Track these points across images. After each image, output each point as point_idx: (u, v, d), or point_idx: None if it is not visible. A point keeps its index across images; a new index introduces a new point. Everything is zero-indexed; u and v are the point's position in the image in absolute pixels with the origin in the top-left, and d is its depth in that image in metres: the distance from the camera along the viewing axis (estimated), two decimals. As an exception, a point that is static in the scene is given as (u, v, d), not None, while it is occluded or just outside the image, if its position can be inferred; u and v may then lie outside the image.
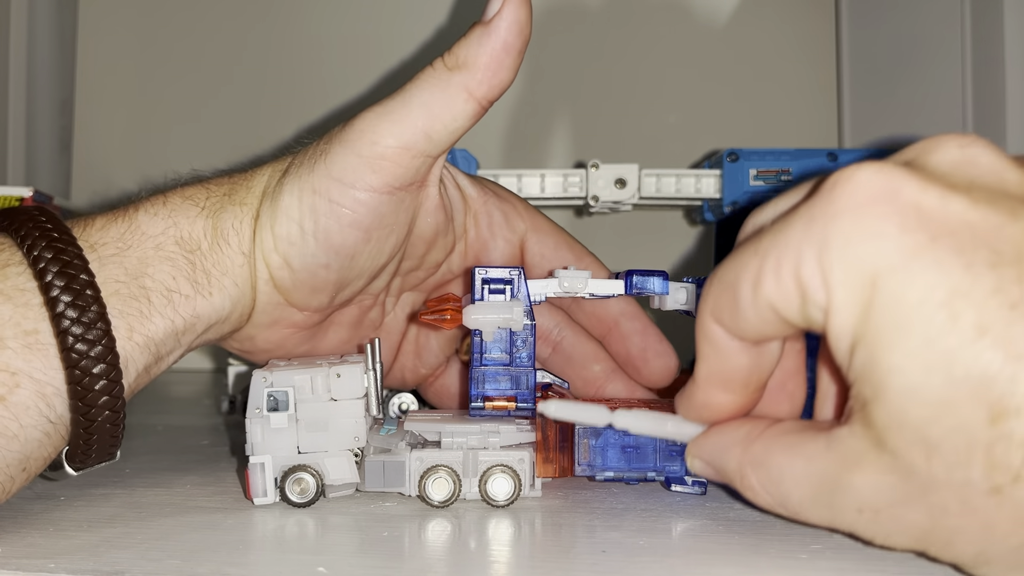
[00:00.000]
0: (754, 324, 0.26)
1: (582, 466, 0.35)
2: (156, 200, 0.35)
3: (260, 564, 0.28)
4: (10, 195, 0.52)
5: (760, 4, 0.72)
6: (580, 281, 0.36)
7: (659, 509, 0.34)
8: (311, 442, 0.34)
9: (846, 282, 0.23)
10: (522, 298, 0.35)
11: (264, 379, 0.34)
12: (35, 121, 0.71)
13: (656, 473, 0.35)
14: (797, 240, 0.24)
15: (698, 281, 0.37)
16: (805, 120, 0.72)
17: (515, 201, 0.41)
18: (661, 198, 0.54)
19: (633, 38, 0.73)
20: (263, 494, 0.34)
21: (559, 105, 0.74)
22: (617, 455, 0.35)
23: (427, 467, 0.34)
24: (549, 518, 0.33)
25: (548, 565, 0.28)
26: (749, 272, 0.25)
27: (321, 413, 0.34)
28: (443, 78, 0.34)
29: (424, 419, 0.36)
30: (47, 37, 0.73)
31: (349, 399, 0.34)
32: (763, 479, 0.28)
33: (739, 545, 0.30)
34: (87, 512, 0.33)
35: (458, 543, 0.31)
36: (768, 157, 0.51)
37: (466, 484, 0.34)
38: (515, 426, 0.35)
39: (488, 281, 0.35)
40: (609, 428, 0.34)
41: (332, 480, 0.34)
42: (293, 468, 0.34)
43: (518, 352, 0.35)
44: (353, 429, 0.34)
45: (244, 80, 0.76)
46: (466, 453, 0.34)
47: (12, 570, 0.27)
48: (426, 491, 0.34)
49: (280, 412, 0.34)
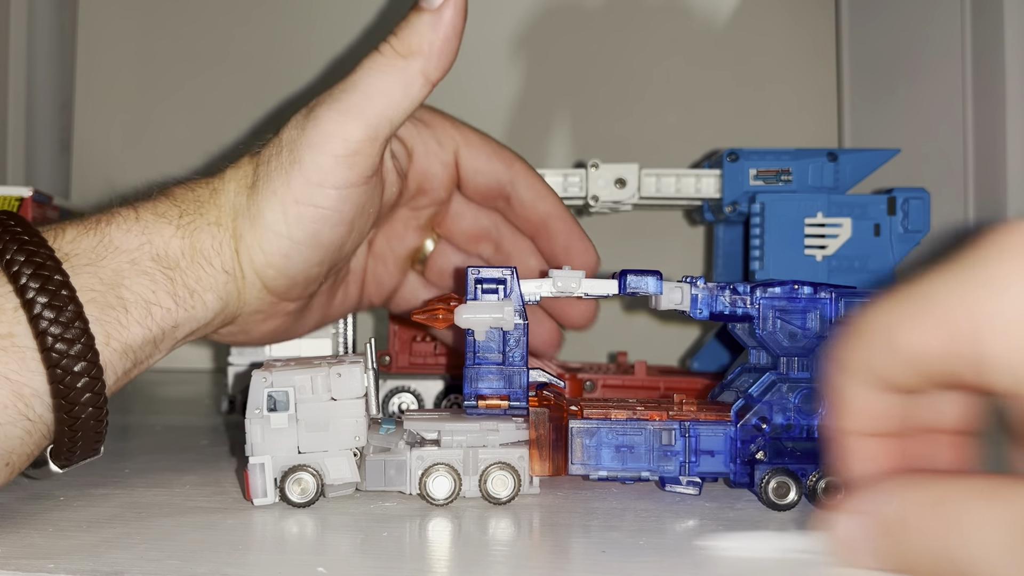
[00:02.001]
0: (910, 375, 0.25)
1: (576, 464, 0.35)
2: (127, 214, 0.35)
3: (260, 564, 0.28)
4: (10, 195, 0.52)
5: (760, 4, 0.72)
6: (574, 281, 0.36)
7: (658, 509, 0.34)
8: (311, 442, 0.34)
9: (1011, 330, 0.22)
10: (514, 298, 0.35)
11: (264, 379, 0.34)
12: (35, 121, 0.71)
13: (650, 473, 0.35)
14: (954, 291, 0.23)
15: (692, 280, 0.37)
16: (805, 120, 0.72)
17: (442, 122, 0.42)
18: (661, 198, 0.54)
19: (633, 38, 0.73)
20: (263, 494, 0.34)
21: (559, 105, 0.74)
22: (611, 454, 0.35)
23: (428, 465, 0.34)
24: (548, 518, 0.33)
25: (548, 565, 0.28)
26: (905, 322, 0.24)
27: (321, 413, 0.34)
28: (398, 65, 0.35)
29: (422, 418, 0.36)
30: (47, 37, 0.73)
31: (349, 399, 0.34)
32: (945, 528, 0.24)
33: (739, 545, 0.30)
34: (87, 512, 0.33)
35: (458, 543, 0.31)
36: (768, 157, 0.51)
37: (466, 482, 0.35)
38: (513, 424, 0.35)
39: (481, 281, 0.35)
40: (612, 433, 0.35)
41: (332, 480, 0.34)
42: (293, 468, 0.34)
43: (511, 351, 0.35)
44: (354, 428, 0.34)
45: (244, 80, 0.76)
46: (466, 451, 0.35)
47: (12, 570, 0.27)
48: (427, 489, 0.34)
49: (280, 412, 0.34)
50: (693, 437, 0.35)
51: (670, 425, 0.35)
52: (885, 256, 0.49)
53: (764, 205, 0.50)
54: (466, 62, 0.74)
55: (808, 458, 0.35)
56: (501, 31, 0.73)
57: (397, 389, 0.55)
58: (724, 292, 0.36)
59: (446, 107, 0.79)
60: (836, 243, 0.49)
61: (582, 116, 0.73)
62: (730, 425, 0.35)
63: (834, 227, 0.49)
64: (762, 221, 0.50)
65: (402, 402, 0.55)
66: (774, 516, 0.34)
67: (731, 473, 0.35)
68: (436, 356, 0.51)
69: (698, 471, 0.35)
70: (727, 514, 0.34)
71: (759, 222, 0.50)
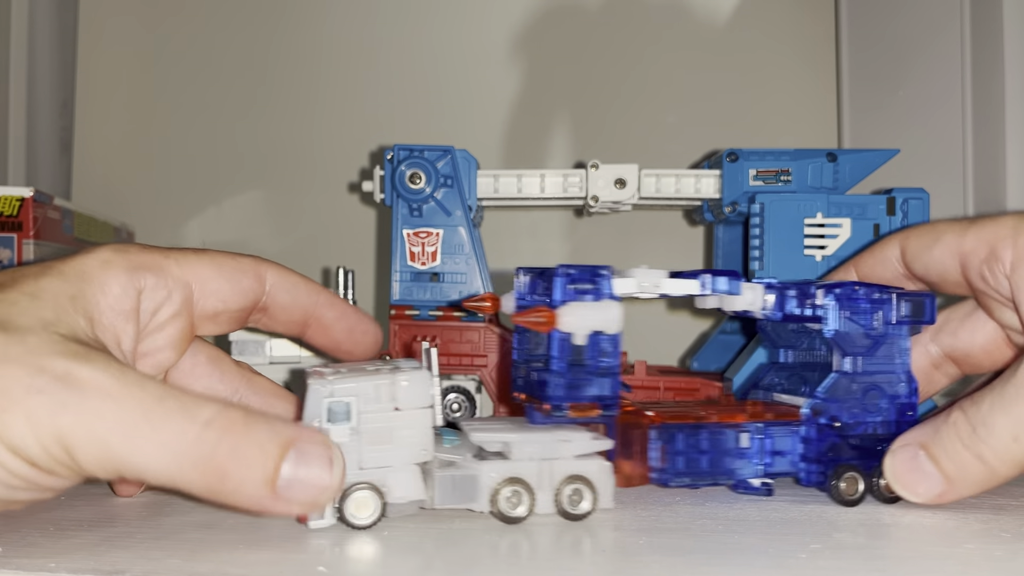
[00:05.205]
0: None
1: (657, 473, 0.35)
2: None
3: (260, 564, 0.28)
4: (11, 195, 0.52)
5: (760, 5, 0.72)
6: (656, 280, 0.35)
7: (658, 509, 0.34)
8: (374, 457, 0.31)
9: None
10: (612, 297, 0.34)
11: (323, 388, 0.31)
12: (35, 121, 0.71)
13: (726, 477, 0.36)
14: None
15: (765, 282, 0.38)
16: (805, 120, 0.72)
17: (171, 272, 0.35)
18: (661, 198, 0.54)
19: (633, 38, 0.73)
20: (319, 516, 0.31)
21: (559, 105, 0.74)
22: (689, 460, 0.35)
23: (501, 480, 0.32)
24: (548, 517, 0.33)
25: (548, 565, 0.28)
26: None
27: (385, 424, 0.31)
28: None
29: (486, 428, 0.34)
30: (47, 37, 0.73)
31: (415, 408, 0.31)
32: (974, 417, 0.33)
33: (739, 545, 0.30)
34: (87, 512, 0.33)
35: (457, 543, 0.31)
36: (768, 157, 0.51)
37: (540, 497, 0.32)
38: (588, 433, 0.33)
39: (575, 280, 0.33)
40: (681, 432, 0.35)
41: (397, 498, 0.31)
42: (354, 486, 0.31)
43: (604, 356, 0.34)
44: (421, 441, 0.31)
45: (244, 80, 0.76)
46: (540, 464, 0.32)
47: (12, 570, 0.27)
48: (501, 506, 0.32)
49: (340, 424, 0.31)
50: (767, 439, 0.36)
51: (746, 428, 0.36)
52: (885, 256, 0.49)
53: (764, 205, 0.50)
54: (466, 62, 0.75)
55: (872, 454, 0.36)
56: (501, 31, 0.73)
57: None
58: (792, 293, 0.37)
59: (447, 107, 0.79)
60: (836, 243, 0.49)
61: (582, 116, 0.73)
62: (801, 425, 0.36)
63: (834, 227, 0.49)
64: (762, 221, 0.50)
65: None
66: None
67: (801, 472, 0.36)
68: (436, 356, 0.51)
69: (770, 472, 0.36)
70: (727, 514, 0.34)
71: (759, 222, 0.50)
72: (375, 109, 0.74)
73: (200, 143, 0.76)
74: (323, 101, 0.75)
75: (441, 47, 0.74)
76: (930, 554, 0.29)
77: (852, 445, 0.36)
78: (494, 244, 0.68)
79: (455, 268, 0.51)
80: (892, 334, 0.36)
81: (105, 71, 0.77)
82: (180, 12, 0.76)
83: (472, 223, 0.52)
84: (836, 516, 0.34)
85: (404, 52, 0.74)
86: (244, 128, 0.75)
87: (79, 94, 0.77)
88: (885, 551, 0.30)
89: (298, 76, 0.75)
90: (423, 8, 0.74)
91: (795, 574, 0.27)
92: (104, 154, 0.77)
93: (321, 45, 0.75)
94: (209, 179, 0.76)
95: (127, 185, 0.76)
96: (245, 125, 0.75)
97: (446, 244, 0.51)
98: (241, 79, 0.76)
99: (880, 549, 0.30)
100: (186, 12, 0.76)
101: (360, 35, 0.75)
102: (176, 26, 0.76)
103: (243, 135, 0.75)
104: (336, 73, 0.75)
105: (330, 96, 0.75)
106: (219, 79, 0.76)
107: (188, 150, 0.76)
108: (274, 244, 0.74)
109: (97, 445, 0.26)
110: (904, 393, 0.37)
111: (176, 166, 0.76)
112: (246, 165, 0.75)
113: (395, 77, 0.74)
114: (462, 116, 0.74)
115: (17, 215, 0.52)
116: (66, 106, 0.76)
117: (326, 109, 0.74)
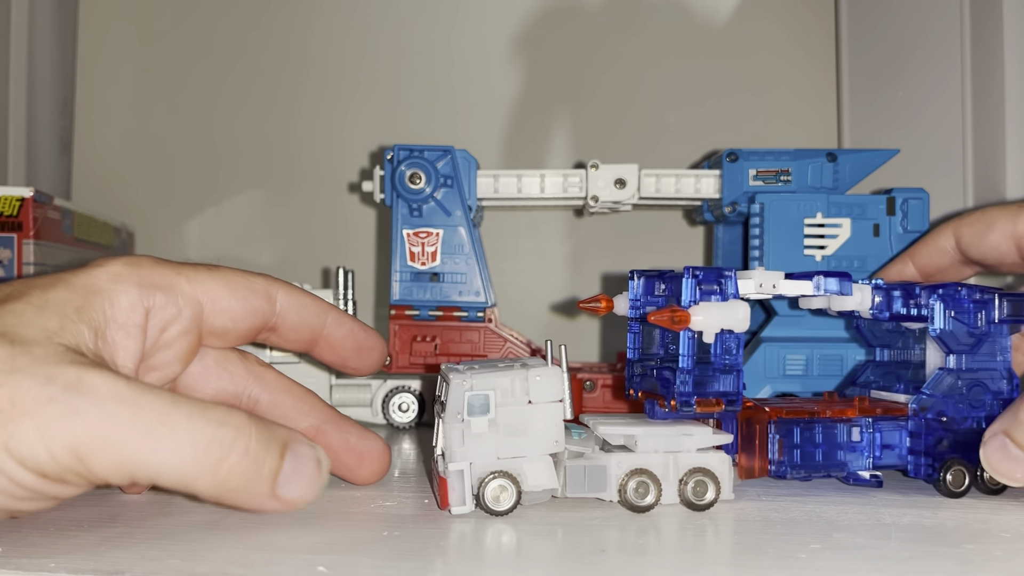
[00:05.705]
0: None
1: (776, 466, 0.36)
2: None
3: (260, 564, 0.28)
4: (11, 195, 0.52)
5: (760, 4, 0.72)
6: (773, 281, 0.37)
7: (657, 509, 0.34)
8: (510, 447, 0.33)
9: None
10: (737, 297, 0.35)
11: (464, 383, 0.33)
12: (35, 121, 0.71)
13: (838, 470, 0.37)
14: None
15: (873, 283, 0.39)
16: (804, 120, 0.72)
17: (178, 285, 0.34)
18: (661, 198, 0.54)
19: (633, 38, 0.73)
20: (461, 503, 0.33)
21: (559, 105, 0.74)
22: (805, 453, 0.37)
23: (628, 471, 0.34)
24: (548, 518, 0.33)
25: (548, 564, 0.28)
26: None
27: (520, 417, 0.33)
28: None
29: (610, 423, 0.36)
30: (47, 37, 0.73)
31: (547, 402, 0.34)
32: None
33: (739, 545, 0.30)
34: (87, 512, 0.33)
35: (456, 543, 0.31)
36: (768, 157, 0.51)
37: (666, 488, 0.34)
38: (709, 427, 0.36)
39: (701, 282, 0.35)
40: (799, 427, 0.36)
41: (531, 486, 0.33)
42: (492, 474, 0.33)
43: (728, 354, 0.35)
44: (554, 433, 0.34)
45: (244, 80, 0.76)
46: (664, 456, 0.35)
47: (12, 570, 0.27)
48: (629, 496, 0.34)
49: (480, 416, 0.33)
50: (877, 432, 0.37)
51: (857, 422, 0.37)
52: (884, 256, 0.49)
53: (764, 205, 0.50)
54: (466, 62, 0.75)
55: (977, 448, 0.36)
56: (501, 31, 0.73)
57: (397, 389, 0.55)
58: (897, 293, 0.39)
59: (447, 107, 0.79)
60: (835, 243, 0.49)
61: (582, 116, 0.73)
62: (908, 420, 0.38)
63: (833, 227, 0.49)
64: (762, 221, 0.50)
65: (402, 402, 0.55)
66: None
67: (909, 465, 0.37)
68: (436, 356, 0.51)
69: (879, 464, 0.37)
70: (727, 514, 0.33)
71: (759, 222, 0.50)
72: (375, 109, 0.74)
73: (200, 143, 0.76)
74: (323, 101, 0.75)
75: (441, 47, 0.74)
76: (930, 554, 0.29)
77: (958, 439, 0.37)
78: (494, 244, 0.68)
79: (455, 268, 0.52)
80: (994, 332, 0.38)
81: (105, 71, 0.77)
82: (180, 12, 0.76)
83: (472, 223, 0.52)
84: (836, 516, 0.34)
85: (404, 52, 0.74)
86: (244, 128, 0.75)
87: (79, 94, 0.77)
88: (885, 551, 0.30)
89: (298, 76, 0.75)
90: (423, 8, 0.74)
91: (795, 574, 0.27)
92: (104, 154, 0.77)
93: (321, 45, 0.75)
94: (209, 179, 0.76)
95: (127, 185, 0.76)
96: (245, 125, 0.75)
97: (446, 244, 0.52)
98: (241, 79, 0.76)
99: (880, 549, 0.30)
100: (186, 12, 0.76)
101: (360, 35, 0.75)
102: (176, 26, 0.76)
103: (243, 135, 0.75)
104: (336, 73, 0.75)
105: (330, 96, 0.75)
106: (219, 79, 0.76)
107: (188, 150, 0.76)
108: (274, 244, 0.74)
109: (113, 450, 0.27)
110: (1006, 389, 0.38)
111: (176, 166, 0.76)
112: (246, 165, 0.75)
113: (395, 77, 0.74)
114: (462, 116, 0.74)
115: (17, 215, 0.52)
116: (66, 106, 0.76)
117: (326, 109, 0.74)
